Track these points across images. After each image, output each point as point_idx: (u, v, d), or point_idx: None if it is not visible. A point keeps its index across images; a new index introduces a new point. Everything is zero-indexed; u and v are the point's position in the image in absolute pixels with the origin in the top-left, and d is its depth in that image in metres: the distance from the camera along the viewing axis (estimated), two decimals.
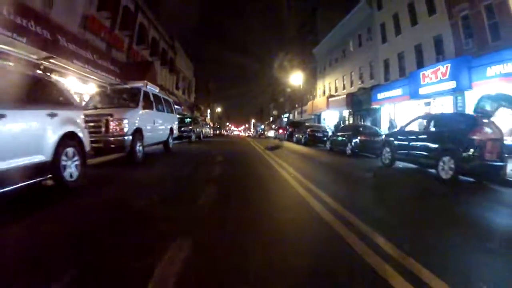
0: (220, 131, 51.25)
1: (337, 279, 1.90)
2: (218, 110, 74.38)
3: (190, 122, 17.59)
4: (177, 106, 14.41)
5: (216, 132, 40.29)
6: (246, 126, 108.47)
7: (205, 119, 39.26)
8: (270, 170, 6.46)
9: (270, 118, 65.41)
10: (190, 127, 16.98)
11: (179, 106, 22.52)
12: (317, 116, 30.91)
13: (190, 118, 18.83)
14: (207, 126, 28.97)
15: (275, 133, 29.13)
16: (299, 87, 33.42)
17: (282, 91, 50.92)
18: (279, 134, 19.96)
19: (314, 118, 31.50)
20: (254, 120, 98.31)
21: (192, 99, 39.04)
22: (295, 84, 34.10)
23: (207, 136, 25.37)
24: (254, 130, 79.42)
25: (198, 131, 19.05)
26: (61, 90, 4.15)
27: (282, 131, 25.27)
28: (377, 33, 20.66)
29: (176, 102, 15.73)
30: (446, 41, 14.46)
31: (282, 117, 51.16)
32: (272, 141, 22.64)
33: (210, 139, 22.78)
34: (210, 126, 34.99)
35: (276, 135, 28.09)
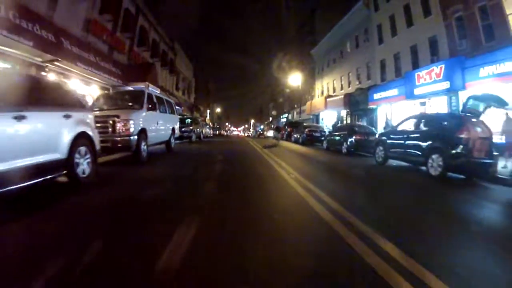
0: (219, 131, 51.51)
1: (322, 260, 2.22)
2: (218, 110, 74.69)
3: (190, 123, 17.94)
4: (177, 107, 14.69)
5: (215, 132, 40.57)
6: (246, 126, 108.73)
7: (205, 120, 39.59)
8: (269, 170, 6.63)
9: (270, 118, 65.68)
10: (191, 128, 17.32)
11: (180, 107, 22.81)
12: (315, 116, 31.17)
13: (190, 119, 19.18)
14: (207, 127, 29.32)
15: (274, 133, 29.71)
16: (298, 88, 33.75)
17: (281, 92, 51.20)
18: (277, 134, 20.74)
19: (313, 118, 31.79)
20: (253, 120, 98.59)
21: (192, 100, 39.28)
22: (294, 84, 34.48)
23: (207, 136, 25.74)
24: (253, 130, 79.61)
25: (199, 132, 19.42)
26: (73, 93, 4.47)
27: (280, 131, 25.69)
28: (373, 34, 20.90)
29: (176, 103, 16.01)
30: (441, 42, 14.69)
31: (280, 117, 51.53)
32: (270, 140, 23.02)
33: (210, 139, 23.12)
34: (210, 126, 35.32)
35: (274, 135, 28.74)
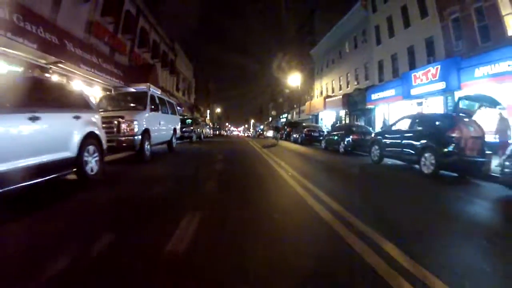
0: (219, 132, 51.85)
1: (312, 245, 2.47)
2: (218, 110, 74.94)
3: (191, 123, 18.24)
4: (178, 107, 14.95)
5: (216, 132, 40.88)
6: (246, 126, 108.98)
7: (205, 120, 39.86)
8: (268, 169, 6.77)
9: (269, 118, 65.93)
10: (191, 128, 17.61)
11: (180, 108, 23.09)
12: (315, 116, 31.42)
13: (191, 119, 19.48)
14: (207, 127, 29.61)
15: (274, 133, 30.27)
16: (298, 88, 33.99)
17: (281, 92, 51.45)
18: (276, 134, 21.21)
19: (312, 118, 32.04)
20: (253, 120, 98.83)
21: (192, 100, 39.52)
22: (294, 84, 34.72)
23: (207, 136, 26.02)
24: (253, 130, 79.85)
25: (199, 132, 19.71)
26: (82, 95, 4.72)
27: (279, 131, 26.23)
28: (371, 35, 21.15)
29: (177, 103, 16.27)
30: (437, 43, 14.93)
31: (280, 117, 51.83)
32: (270, 140, 23.35)
33: (210, 140, 23.38)
34: (210, 126, 35.61)
35: (273, 135, 29.34)
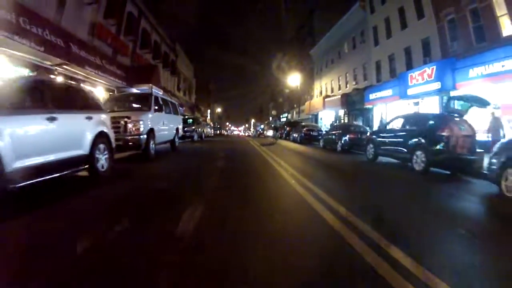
0: (220, 131, 52.27)
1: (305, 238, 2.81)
2: (218, 110, 75.25)
3: (192, 123, 18.62)
4: (180, 107, 15.30)
5: (216, 132, 41.26)
6: (246, 126, 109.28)
7: (205, 120, 40.26)
8: (268, 167, 7.06)
9: (270, 118, 66.26)
10: (193, 128, 18.00)
11: (182, 108, 23.45)
12: (314, 116, 31.74)
13: (192, 119, 19.86)
14: (208, 126, 30.02)
15: (273, 132, 30.88)
16: (297, 88, 34.30)
17: (281, 92, 51.72)
18: (275, 133, 21.69)
19: (312, 118, 32.37)
20: (254, 120, 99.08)
21: (192, 100, 39.87)
22: (293, 84, 35.04)
23: (208, 136, 26.43)
24: (254, 130, 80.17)
25: (200, 131, 20.10)
26: (93, 96, 5.06)
27: (278, 130, 27.00)
28: (370, 36, 21.45)
29: (179, 103, 16.63)
30: (433, 43, 15.20)
31: (280, 117, 52.16)
32: (269, 139, 23.75)
33: (211, 139, 23.77)
34: (211, 126, 36.01)
35: (273, 134, 30.05)
